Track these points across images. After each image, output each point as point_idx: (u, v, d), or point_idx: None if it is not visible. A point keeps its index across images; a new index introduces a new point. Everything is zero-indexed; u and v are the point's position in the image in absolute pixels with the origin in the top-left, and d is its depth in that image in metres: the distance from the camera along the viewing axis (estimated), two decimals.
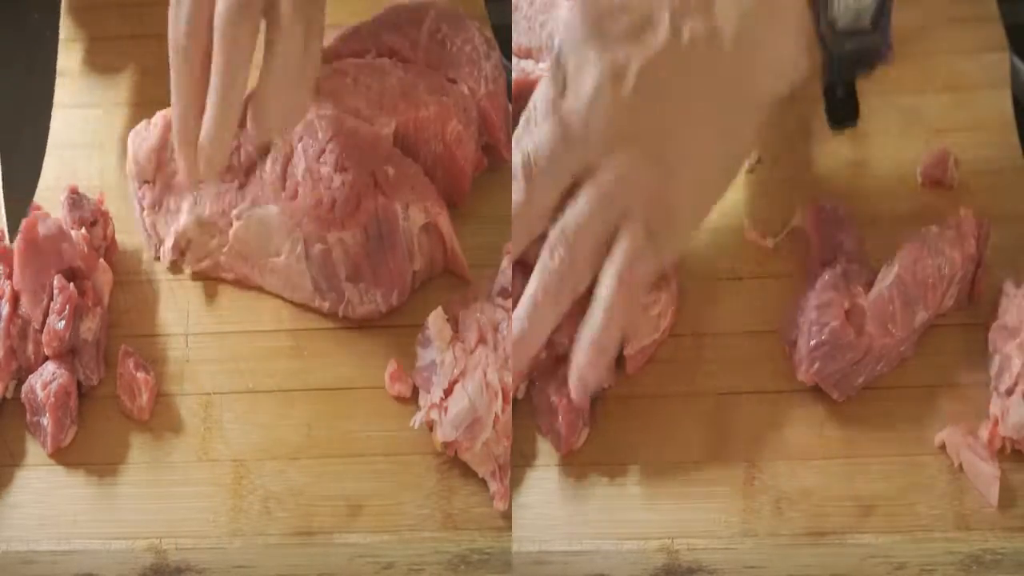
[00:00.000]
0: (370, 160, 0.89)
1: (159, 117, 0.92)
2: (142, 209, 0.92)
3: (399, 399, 0.86)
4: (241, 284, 0.91)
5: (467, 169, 0.94)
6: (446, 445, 0.82)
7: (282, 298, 0.90)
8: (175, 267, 0.92)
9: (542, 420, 0.85)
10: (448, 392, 0.83)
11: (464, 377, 0.83)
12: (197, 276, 0.92)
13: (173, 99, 0.83)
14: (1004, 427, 0.81)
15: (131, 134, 0.92)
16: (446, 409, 0.82)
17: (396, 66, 0.94)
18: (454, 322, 0.86)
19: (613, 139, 0.78)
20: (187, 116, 0.82)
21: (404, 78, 0.93)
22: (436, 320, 0.85)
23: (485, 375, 0.82)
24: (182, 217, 0.90)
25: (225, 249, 0.90)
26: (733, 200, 0.91)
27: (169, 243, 0.91)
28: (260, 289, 0.91)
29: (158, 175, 0.91)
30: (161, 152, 0.91)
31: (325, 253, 0.87)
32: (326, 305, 0.89)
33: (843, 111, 0.86)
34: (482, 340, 0.84)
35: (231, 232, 0.89)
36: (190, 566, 0.82)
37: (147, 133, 0.92)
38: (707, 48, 0.77)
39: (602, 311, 0.78)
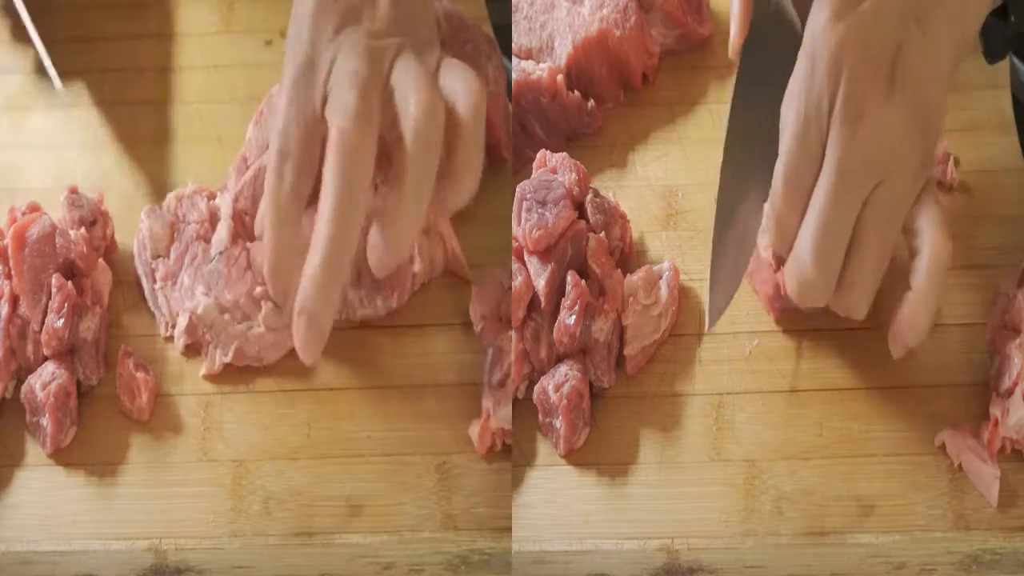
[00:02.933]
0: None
1: (171, 198, 0.91)
2: (154, 283, 0.90)
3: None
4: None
5: None
6: None
7: None
8: (190, 352, 0.89)
9: (542, 420, 0.85)
10: None
11: None
12: (218, 379, 0.88)
13: (267, 252, 0.80)
14: (1004, 428, 0.81)
15: (144, 210, 0.91)
16: None
17: None
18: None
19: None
20: (281, 269, 0.80)
21: None
22: None
23: None
24: (198, 298, 0.87)
25: (253, 332, 0.87)
26: None
27: (183, 323, 0.88)
28: None
29: (172, 247, 0.90)
30: (175, 226, 0.90)
31: None
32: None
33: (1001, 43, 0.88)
34: None
35: (260, 317, 0.87)
36: (190, 566, 0.82)
37: (161, 212, 0.91)
38: None
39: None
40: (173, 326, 0.89)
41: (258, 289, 0.87)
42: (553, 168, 0.90)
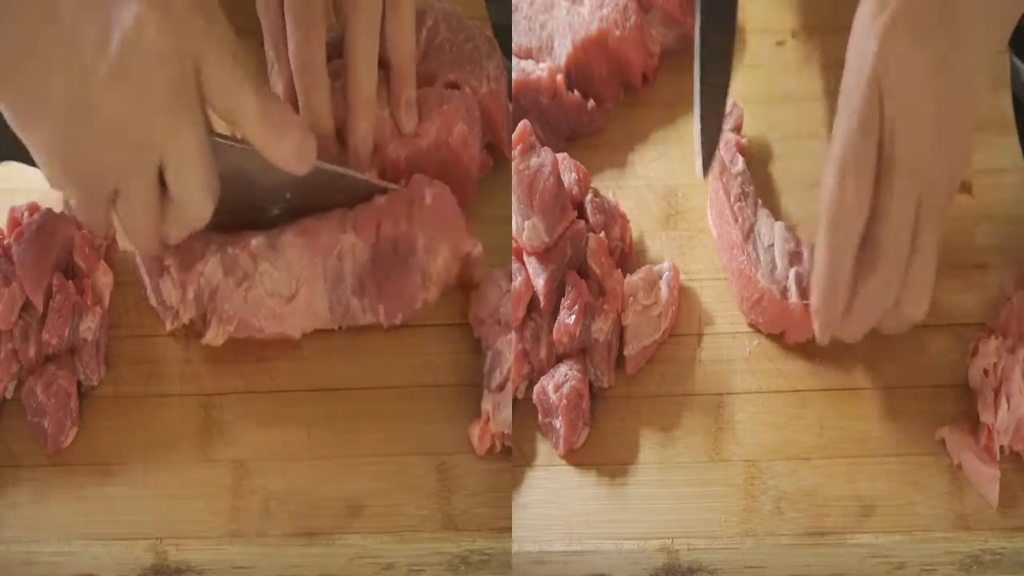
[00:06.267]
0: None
1: None
2: (160, 272, 0.88)
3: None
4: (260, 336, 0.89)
5: (473, 172, 0.93)
6: None
7: None
8: (194, 329, 0.88)
9: (542, 420, 0.85)
10: None
11: None
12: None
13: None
14: (996, 434, 0.81)
15: None
16: None
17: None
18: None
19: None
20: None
21: None
22: None
23: None
24: (208, 259, 0.86)
25: (252, 295, 0.87)
26: None
27: (192, 290, 0.87)
28: None
29: None
30: None
31: (338, 258, 0.87)
32: (334, 324, 0.89)
33: None
34: None
35: (257, 276, 0.86)
36: (190, 566, 0.82)
37: None
38: None
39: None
40: (176, 315, 0.88)
41: (253, 242, 0.86)
42: None
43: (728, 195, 0.89)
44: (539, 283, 0.86)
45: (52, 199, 0.92)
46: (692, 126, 0.86)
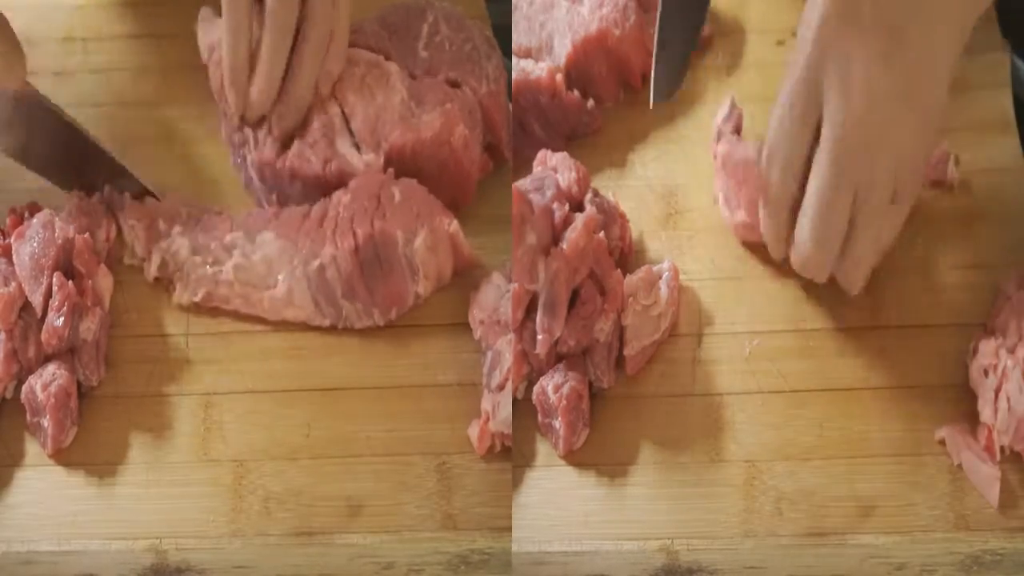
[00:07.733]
0: (372, 183, 0.89)
1: None
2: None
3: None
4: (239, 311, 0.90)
5: (473, 172, 0.93)
6: None
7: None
8: (161, 285, 0.91)
9: (542, 420, 0.85)
10: None
11: None
12: (197, 309, 0.90)
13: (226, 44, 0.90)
14: (996, 434, 0.81)
15: None
16: None
17: (403, 79, 0.93)
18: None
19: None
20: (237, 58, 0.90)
21: (406, 101, 0.92)
22: None
23: None
24: (175, 238, 0.90)
25: (223, 277, 0.89)
26: None
27: (156, 261, 0.90)
28: None
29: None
30: None
31: (320, 270, 0.87)
32: (326, 322, 0.89)
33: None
34: None
35: (230, 265, 0.88)
36: (190, 566, 0.82)
37: None
38: None
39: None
40: (144, 259, 0.91)
41: (228, 237, 0.89)
42: (553, 167, 0.90)
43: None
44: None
45: (53, 200, 0.92)
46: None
